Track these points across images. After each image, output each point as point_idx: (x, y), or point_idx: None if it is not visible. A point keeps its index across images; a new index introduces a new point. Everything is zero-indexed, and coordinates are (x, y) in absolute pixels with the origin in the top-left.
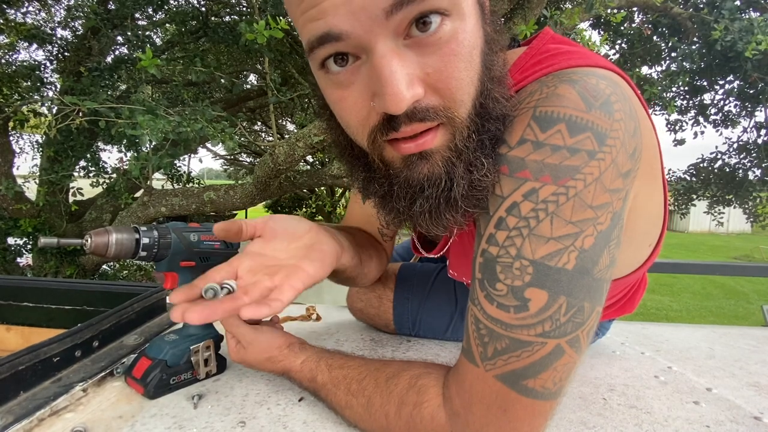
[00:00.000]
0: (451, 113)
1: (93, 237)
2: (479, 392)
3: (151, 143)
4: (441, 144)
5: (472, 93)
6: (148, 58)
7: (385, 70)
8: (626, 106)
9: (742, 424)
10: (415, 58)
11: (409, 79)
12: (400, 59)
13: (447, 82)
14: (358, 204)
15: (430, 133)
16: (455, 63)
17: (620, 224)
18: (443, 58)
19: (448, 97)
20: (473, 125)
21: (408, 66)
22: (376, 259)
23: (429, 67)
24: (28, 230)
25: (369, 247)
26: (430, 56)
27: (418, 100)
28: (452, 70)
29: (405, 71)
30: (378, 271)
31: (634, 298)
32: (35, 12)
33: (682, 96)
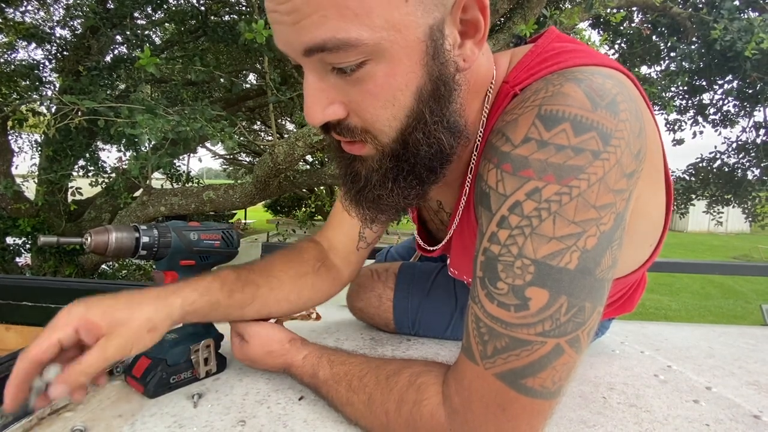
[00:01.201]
0: (371, 136)
1: (93, 235)
2: (478, 390)
3: (151, 142)
4: (369, 153)
5: (396, 126)
6: (147, 57)
7: (305, 90)
8: (632, 106)
9: (741, 423)
10: (341, 85)
11: (327, 102)
12: (322, 84)
13: (363, 114)
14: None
15: (358, 144)
16: (370, 101)
17: (623, 225)
18: (360, 94)
19: (368, 124)
20: (394, 152)
21: (329, 91)
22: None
23: (349, 96)
24: (27, 230)
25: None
26: (351, 87)
27: (341, 119)
28: (367, 106)
29: (324, 96)
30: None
31: (634, 297)
32: (34, 11)
33: (681, 96)
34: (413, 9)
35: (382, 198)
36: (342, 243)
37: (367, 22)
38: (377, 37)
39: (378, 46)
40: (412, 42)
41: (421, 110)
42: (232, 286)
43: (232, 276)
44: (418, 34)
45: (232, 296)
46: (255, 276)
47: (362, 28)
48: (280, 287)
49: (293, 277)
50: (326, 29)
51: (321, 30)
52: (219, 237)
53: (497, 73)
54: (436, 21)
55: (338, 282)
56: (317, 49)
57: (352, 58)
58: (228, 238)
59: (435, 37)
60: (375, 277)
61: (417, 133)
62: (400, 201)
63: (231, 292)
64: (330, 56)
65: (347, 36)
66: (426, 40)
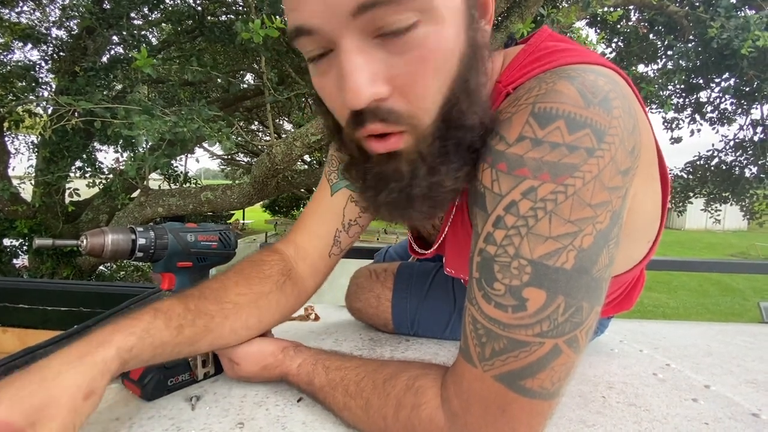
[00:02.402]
0: (414, 121)
1: (89, 238)
2: (477, 393)
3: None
4: (406, 147)
5: (439, 101)
6: (143, 57)
7: (346, 66)
8: (625, 103)
9: (740, 421)
10: (384, 57)
11: (371, 77)
12: (365, 56)
13: (413, 87)
14: (325, 198)
15: (396, 136)
16: (422, 69)
17: (619, 223)
18: (411, 62)
19: (414, 103)
20: (437, 131)
21: (373, 64)
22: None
23: (397, 69)
24: (24, 231)
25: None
26: (400, 57)
27: (383, 99)
28: (418, 77)
29: (368, 68)
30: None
31: (632, 294)
32: (30, 12)
33: (678, 94)
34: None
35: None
36: (315, 248)
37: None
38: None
39: (431, 3)
40: (457, 5)
41: (466, 76)
42: (180, 320)
43: (178, 308)
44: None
45: (181, 333)
46: (207, 304)
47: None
48: (236, 314)
49: (253, 299)
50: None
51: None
52: (216, 238)
53: (492, 73)
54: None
55: (304, 295)
56: (372, 3)
57: (406, 16)
58: (225, 239)
59: (470, 3)
60: (373, 277)
61: (462, 104)
62: (454, 185)
63: (180, 328)
64: (383, 12)
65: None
66: (464, 8)
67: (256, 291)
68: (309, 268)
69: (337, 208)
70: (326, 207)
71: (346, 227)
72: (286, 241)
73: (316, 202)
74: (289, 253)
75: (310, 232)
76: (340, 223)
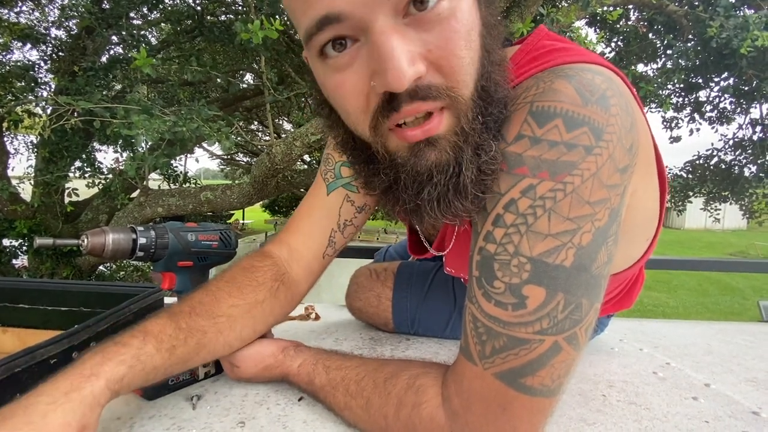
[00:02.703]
0: (454, 93)
1: (90, 237)
2: (478, 391)
3: (147, 143)
4: (447, 129)
5: (473, 74)
6: (143, 57)
7: (385, 46)
8: (622, 101)
9: (740, 419)
10: (416, 35)
11: (410, 56)
12: (401, 36)
13: (449, 59)
14: (320, 198)
15: (435, 118)
16: (456, 40)
17: (618, 221)
18: (443, 34)
19: (451, 75)
20: (477, 107)
21: (409, 42)
22: (227, 329)
23: (430, 44)
24: (24, 231)
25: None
26: (430, 33)
27: (420, 77)
28: (453, 47)
29: (406, 47)
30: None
31: (632, 292)
32: (29, 12)
33: (677, 93)
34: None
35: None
36: (310, 249)
37: None
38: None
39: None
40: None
41: (488, 49)
42: (172, 341)
43: (169, 329)
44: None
45: (173, 354)
46: (199, 320)
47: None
48: (230, 327)
49: (246, 309)
50: None
51: None
52: (217, 237)
53: None
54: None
55: (297, 298)
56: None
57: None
58: (226, 239)
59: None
60: (374, 276)
61: (494, 75)
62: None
63: (172, 350)
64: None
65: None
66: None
67: (250, 300)
68: (303, 270)
69: (333, 208)
70: (321, 207)
71: (341, 227)
72: (279, 243)
73: (310, 201)
74: (281, 256)
75: (304, 232)
76: (336, 224)
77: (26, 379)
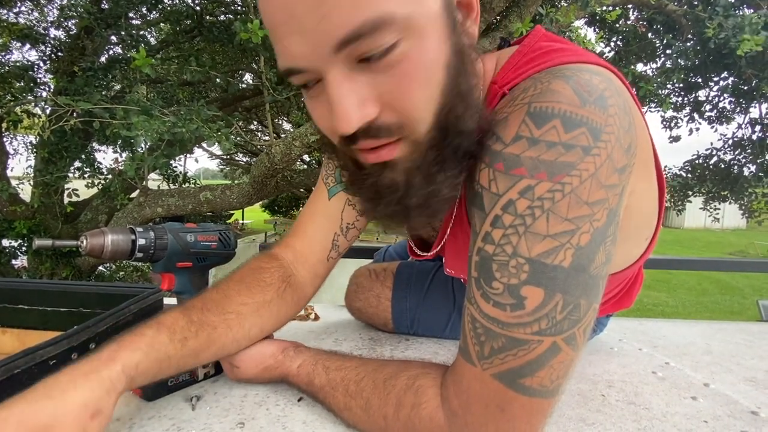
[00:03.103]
0: (407, 131)
1: (88, 238)
2: (477, 392)
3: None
4: (403, 155)
5: (433, 109)
6: (142, 57)
7: (334, 97)
8: (620, 101)
9: (739, 419)
10: (369, 79)
11: (359, 102)
12: (351, 83)
13: (401, 102)
14: (322, 202)
15: (388, 148)
16: (408, 83)
17: (616, 221)
18: (396, 79)
19: (404, 115)
20: (433, 140)
21: (359, 89)
22: (236, 326)
23: (383, 88)
24: (23, 232)
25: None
26: (383, 76)
27: (374, 119)
28: (405, 90)
29: (355, 95)
30: (241, 337)
31: (631, 292)
32: (28, 12)
33: (677, 93)
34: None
35: (431, 196)
36: (314, 253)
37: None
38: (408, 11)
39: (409, 20)
40: (434, 14)
41: (455, 84)
42: (185, 333)
43: (182, 321)
44: (436, 8)
45: (185, 345)
46: (210, 316)
47: (391, 2)
48: (239, 324)
49: (255, 308)
50: (359, 12)
51: (353, 14)
52: (216, 238)
53: (485, 75)
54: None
55: (303, 301)
56: (354, 37)
57: (388, 39)
58: (225, 240)
59: (450, 9)
60: (373, 276)
61: (457, 110)
62: (450, 192)
63: (184, 341)
64: (364, 43)
65: (382, 12)
66: (444, 13)
67: (258, 300)
68: (308, 273)
69: (335, 212)
70: (324, 211)
71: (344, 231)
72: (284, 246)
73: (313, 205)
74: (287, 259)
75: (308, 236)
76: (339, 227)
77: (26, 380)
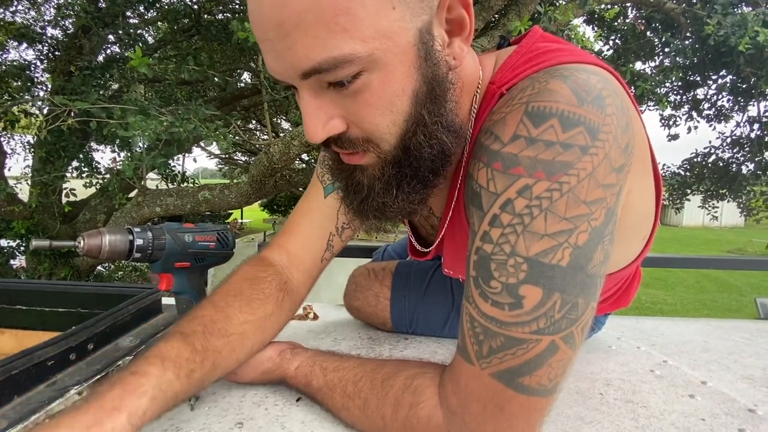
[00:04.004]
0: (372, 145)
1: (86, 239)
2: (475, 391)
3: (144, 144)
4: (370, 163)
5: (396, 132)
6: (139, 57)
7: (303, 111)
8: (617, 101)
9: (736, 417)
10: (337, 99)
11: (326, 118)
12: (319, 101)
13: (363, 124)
14: (317, 201)
15: (358, 154)
16: (368, 110)
17: (614, 220)
18: (358, 105)
19: (368, 134)
20: (396, 158)
21: (327, 107)
22: (239, 347)
23: (348, 109)
24: (21, 232)
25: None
26: (348, 100)
27: (342, 132)
28: (366, 116)
29: (322, 112)
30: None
31: (629, 291)
32: (25, 11)
33: (675, 91)
34: (401, 15)
35: (387, 205)
36: (308, 254)
37: (358, 35)
38: (370, 48)
39: (371, 56)
40: (403, 47)
41: (420, 113)
42: (190, 365)
43: (185, 352)
44: (408, 39)
45: (191, 378)
46: (213, 341)
47: (354, 42)
48: (242, 344)
49: (258, 325)
50: (320, 50)
51: (315, 52)
52: (214, 238)
53: (483, 75)
54: (424, 23)
55: (297, 305)
56: (314, 71)
57: (348, 73)
58: (223, 240)
59: (425, 39)
60: (372, 276)
61: (418, 136)
62: (406, 206)
63: (190, 374)
64: (326, 75)
65: (341, 53)
66: (417, 44)
67: (260, 315)
68: (303, 276)
69: (331, 211)
70: (319, 210)
71: (339, 231)
72: (277, 248)
73: (307, 204)
74: (282, 263)
75: (302, 237)
76: (334, 227)
77: (24, 381)
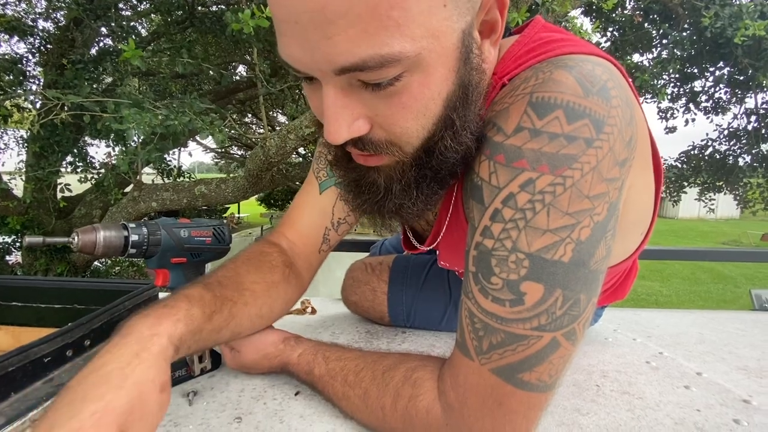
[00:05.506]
0: (394, 150)
1: (80, 235)
2: (474, 386)
3: (139, 138)
4: (387, 164)
5: (423, 136)
6: (132, 49)
7: (327, 109)
8: (622, 93)
9: (731, 407)
10: (365, 99)
11: (351, 119)
12: (347, 99)
13: (392, 128)
14: (313, 196)
15: (376, 156)
16: (402, 113)
17: (616, 215)
18: (391, 107)
19: (394, 137)
20: (418, 159)
21: (354, 106)
22: (251, 303)
23: (377, 110)
24: (16, 228)
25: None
26: (380, 101)
27: (363, 134)
28: (398, 119)
29: (348, 112)
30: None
31: (626, 284)
32: (15, 3)
33: (673, 83)
34: (450, 14)
35: (405, 207)
36: (306, 245)
37: (408, 33)
38: (418, 48)
39: (418, 57)
40: (448, 49)
41: (450, 116)
42: (212, 306)
43: (207, 295)
44: (453, 40)
45: (212, 320)
46: (228, 291)
47: (404, 40)
48: (253, 302)
49: (265, 288)
50: (368, 45)
51: (361, 47)
52: (210, 233)
53: None
54: (468, 25)
55: (302, 289)
56: (356, 68)
57: (392, 73)
58: (219, 235)
59: (467, 41)
60: (369, 270)
61: (446, 141)
62: (424, 207)
63: (211, 315)
64: (366, 74)
65: (391, 51)
66: (460, 46)
67: (268, 280)
68: (303, 263)
69: (326, 207)
70: (315, 205)
71: (335, 225)
72: (278, 235)
73: (303, 198)
74: (284, 246)
75: (299, 229)
76: (330, 222)
77: (20, 378)
